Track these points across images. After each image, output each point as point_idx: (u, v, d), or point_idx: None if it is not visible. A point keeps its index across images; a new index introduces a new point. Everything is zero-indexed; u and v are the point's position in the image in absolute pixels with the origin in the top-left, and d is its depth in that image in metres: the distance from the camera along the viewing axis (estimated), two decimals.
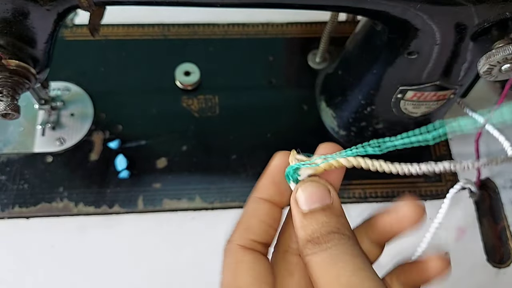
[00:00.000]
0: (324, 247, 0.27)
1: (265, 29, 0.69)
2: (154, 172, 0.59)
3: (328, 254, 0.27)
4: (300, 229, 0.28)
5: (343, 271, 0.26)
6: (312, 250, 0.27)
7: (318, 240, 0.27)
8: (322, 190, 0.29)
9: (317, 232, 0.28)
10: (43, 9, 0.37)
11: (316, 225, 0.28)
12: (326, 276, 0.26)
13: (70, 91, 0.63)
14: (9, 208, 0.56)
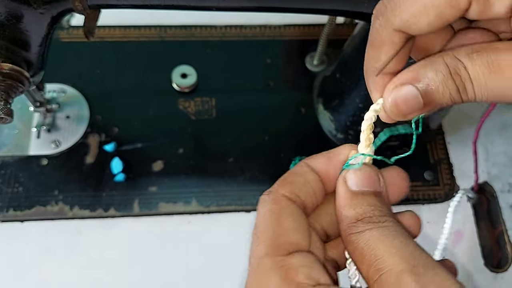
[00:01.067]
0: (379, 225, 0.26)
1: (262, 31, 0.68)
2: (150, 175, 0.59)
3: (385, 230, 0.26)
4: (348, 207, 0.28)
5: (405, 244, 0.25)
6: (363, 227, 0.26)
7: (372, 220, 0.27)
8: (374, 175, 0.29)
9: (370, 213, 0.27)
10: (37, 13, 0.37)
11: (368, 206, 0.27)
12: (387, 247, 0.25)
13: (65, 93, 0.62)
14: (3, 212, 0.56)
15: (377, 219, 0.27)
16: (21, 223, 0.56)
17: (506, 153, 0.63)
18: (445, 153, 0.63)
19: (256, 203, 0.60)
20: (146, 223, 0.57)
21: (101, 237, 0.56)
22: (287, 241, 0.27)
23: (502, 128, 0.64)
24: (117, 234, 0.57)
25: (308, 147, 0.62)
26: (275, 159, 0.61)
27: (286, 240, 0.27)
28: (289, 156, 0.61)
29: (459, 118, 0.65)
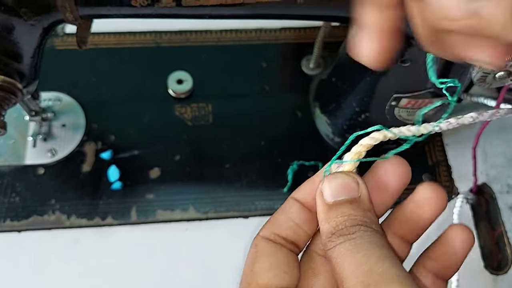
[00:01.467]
0: (348, 238, 0.26)
1: (258, 35, 0.68)
2: (147, 183, 0.59)
3: (352, 243, 0.26)
4: (324, 221, 0.27)
5: (366, 258, 0.25)
6: (335, 242, 0.26)
7: (343, 232, 0.26)
8: (349, 181, 0.28)
9: (342, 224, 0.27)
10: (28, 24, 0.37)
11: (341, 217, 0.27)
12: (349, 264, 0.25)
13: (61, 101, 0.62)
14: (0, 222, 0.56)
15: (347, 230, 0.26)
16: (18, 233, 0.56)
17: (505, 155, 0.63)
18: (443, 155, 0.63)
19: (253, 208, 0.60)
20: (144, 231, 0.57)
21: (99, 246, 0.56)
22: (255, 285, 0.28)
23: (500, 130, 0.64)
24: (115, 242, 0.56)
25: (305, 151, 0.62)
26: (272, 164, 0.61)
27: (255, 284, 0.28)
28: (287, 160, 0.61)
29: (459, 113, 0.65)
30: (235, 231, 0.58)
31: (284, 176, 0.60)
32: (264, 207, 0.58)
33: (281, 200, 0.58)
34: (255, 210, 0.59)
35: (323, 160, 0.60)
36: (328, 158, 0.60)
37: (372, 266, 0.24)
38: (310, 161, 0.60)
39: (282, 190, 0.60)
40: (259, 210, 0.58)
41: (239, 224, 0.58)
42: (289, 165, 0.60)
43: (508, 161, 0.62)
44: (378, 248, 0.25)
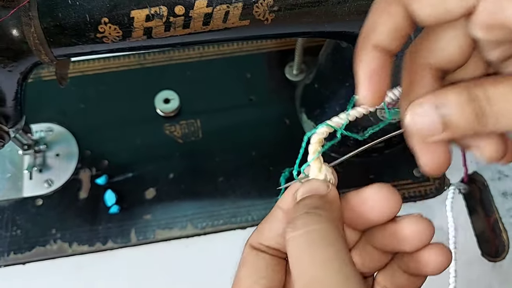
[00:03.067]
0: (299, 232, 0.26)
1: (240, 46, 0.69)
2: (144, 204, 0.60)
3: (302, 240, 0.26)
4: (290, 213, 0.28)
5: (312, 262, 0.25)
6: (289, 233, 0.27)
7: (295, 221, 0.27)
8: (320, 184, 0.29)
9: (301, 212, 0.27)
10: (5, 71, 0.38)
11: (302, 207, 0.28)
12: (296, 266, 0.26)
13: (53, 132, 0.63)
14: (4, 256, 0.57)
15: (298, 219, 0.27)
16: (23, 266, 0.57)
17: None
18: None
19: (250, 219, 0.61)
20: (145, 252, 0.58)
21: (102, 270, 0.57)
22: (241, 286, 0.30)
23: None
24: (117, 265, 0.58)
25: (296, 157, 0.62)
26: (264, 173, 0.62)
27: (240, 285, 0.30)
28: (278, 168, 0.60)
29: None
30: (234, 243, 0.59)
31: (277, 184, 0.61)
32: (260, 216, 0.59)
33: None
34: (252, 221, 0.60)
35: None
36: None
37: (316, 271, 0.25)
38: (301, 167, 0.61)
39: (276, 198, 0.60)
40: (256, 220, 0.59)
41: (237, 236, 0.59)
42: (282, 172, 0.61)
43: None
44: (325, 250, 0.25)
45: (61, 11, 0.35)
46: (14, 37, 0.36)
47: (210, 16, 0.36)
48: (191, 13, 0.36)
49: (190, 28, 0.37)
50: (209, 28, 0.37)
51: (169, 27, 0.37)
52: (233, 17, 0.36)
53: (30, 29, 0.36)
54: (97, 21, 0.36)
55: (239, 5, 0.36)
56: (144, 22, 0.36)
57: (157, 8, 0.35)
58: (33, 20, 0.35)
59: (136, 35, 0.37)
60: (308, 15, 0.37)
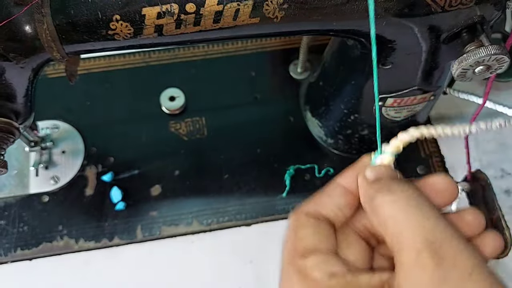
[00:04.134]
0: (399, 195, 0.28)
1: (244, 45, 0.69)
2: (150, 201, 0.60)
3: (405, 201, 0.28)
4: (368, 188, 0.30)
5: (426, 217, 0.27)
6: (384, 197, 0.28)
7: (390, 187, 0.29)
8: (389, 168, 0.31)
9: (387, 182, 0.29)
10: (18, 67, 0.38)
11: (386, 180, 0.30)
12: (406, 220, 0.27)
13: (59, 129, 0.63)
14: (11, 252, 0.57)
15: (396, 186, 0.29)
16: (29, 262, 0.58)
17: (496, 140, 0.64)
18: (435, 146, 0.64)
19: (255, 215, 0.62)
20: (151, 248, 0.59)
21: (108, 266, 0.58)
22: (302, 247, 0.31)
23: (489, 116, 0.65)
24: (123, 261, 0.58)
25: (301, 154, 0.63)
26: (269, 170, 0.62)
27: (302, 247, 0.31)
28: (283, 165, 0.62)
29: (446, 109, 0.66)
30: (239, 239, 0.59)
31: (282, 181, 0.61)
32: (265, 213, 0.60)
33: (281, 205, 0.60)
34: (257, 217, 0.60)
35: (319, 162, 0.62)
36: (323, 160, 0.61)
37: (432, 224, 0.27)
38: (306, 164, 0.62)
39: (281, 195, 0.61)
40: (261, 217, 0.60)
41: (242, 232, 0.60)
42: (286, 170, 0.62)
43: (500, 146, 0.64)
44: (432, 208, 0.28)
45: (73, 8, 0.36)
46: (27, 34, 0.36)
47: (220, 13, 0.36)
48: (202, 11, 0.36)
49: (201, 25, 0.37)
50: (219, 25, 0.37)
51: (180, 24, 0.37)
52: (243, 15, 0.37)
53: (43, 26, 0.36)
54: (109, 18, 0.36)
55: (249, 3, 0.36)
56: (155, 20, 0.36)
57: (168, 6, 0.36)
58: (45, 17, 0.36)
59: (147, 32, 0.37)
60: (317, 13, 0.37)
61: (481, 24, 0.40)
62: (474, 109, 0.57)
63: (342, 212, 0.32)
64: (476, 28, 0.41)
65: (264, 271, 0.57)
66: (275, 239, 0.58)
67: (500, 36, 0.67)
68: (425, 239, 0.26)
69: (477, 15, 0.40)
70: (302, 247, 0.31)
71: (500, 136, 0.64)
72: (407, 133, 0.32)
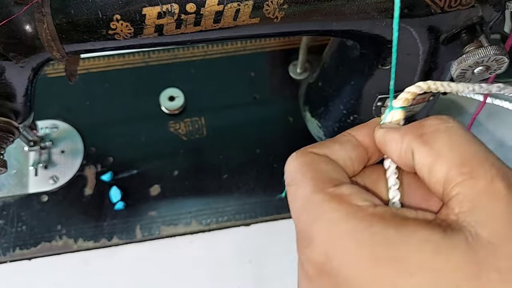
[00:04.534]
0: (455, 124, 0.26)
1: (244, 45, 0.69)
2: (149, 200, 0.60)
3: (461, 130, 0.26)
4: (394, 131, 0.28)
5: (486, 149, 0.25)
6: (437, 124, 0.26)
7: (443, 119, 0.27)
8: None
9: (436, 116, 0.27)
10: (17, 67, 0.38)
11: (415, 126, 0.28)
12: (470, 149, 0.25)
13: (58, 128, 0.63)
14: (10, 252, 0.57)
15: (447, 120, 0.27)
16: (28, 261, 0.58)
17: (494, 141, 0.64)
18: None
19: (254, 215, 0.62)
20: (150, 248, 0.59)
21: (107, 266, 0.58)
22: (329, 177, 0.27)
23: (489, 117, 0.65)
24: (122, 261, 0.58)
25: None
26: (268, 170, 0.62)
27: (328, 177, 0.27)
28: (282, 165, 0.61)
29: (446, 109, 0.66)
30: (239, 240, 0.59)
31: (281, 181, 0.61)
32: (264, 213, 0.60)
33: (280, 205, 0.60)
34: (256, 217, 0.60)
35: None
36: None
37: (497, 158, 0.25)
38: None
39: (280, 195, 0.61)
40: (260, 217, 0.60)
41: (241, 232, 0.60)
42: None
43: (499, 146, 0.64)
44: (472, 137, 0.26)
45: (73, 7, 0.36)
46: (27, 33, 0.36)
47: (221, 14, 0.36)
48: (202, 11, 0.36)
49: (201, 25, 0.37)
50: (219, 26, 0.37)
51: (180, 24, 0.37)
52: (244, 15, 0.37)
53: (43, 25, 0.36)
54: (109, 18, 0.36)
55: (250, 3, 0.36)
56: (155, 20, 0.36)
57: (169, 6, 0.36)
58: (46, 16, 0.36)
59: (147, 32, 0.37)
60: (317, 13, 0.37)
61: (480, 25, 0.40)
62: (474, 110, 0.57)
63: (352, 164, 0.29)
64: (476, 29, 0.41)
65: (263, 271, 0.57)
66: (274, 239, 0.59)
67: (499, 37, 0.67)
68: (496, 168, 0.24)
69: (476, 16, 0.40)
70: (328, 178, 0.27)
71: (499, 137, 0.64)
72: (414, 85, 0.30)
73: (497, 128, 0.65)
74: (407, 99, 0.31)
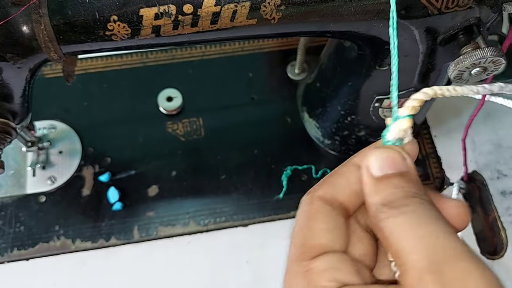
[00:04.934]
0: (403, 210, 0.25)
1: (242, 46, 0.69)
2: (147, 201, 0.60)
3: (408, 217, 0.25)
4: (374, 193, 0.27)
5: (429, 232, 0.24)
6: (388, 213, 0.26)
7: (396, 203, 0.26)
8: (396, 156, 0.28)
9: (394, 195, 0.26)
10: (15, 67, 0.38)
11: (393, 188, 0.26)
12: (408, 238, 0.24)
13: (56, 129, 0.63)
14: (8, 252, 0.57)
15: (401, 202, 0.26)
16: (26, 262, 0.58)
17: (492, 141, 0.64)
18: (432, 147, 0.64)
19: (252, 216, 0.62)
20: (147, 248, 0.59)
21: (105, 266, 0.58)
22: (314, 243, 0.27)
23: (487, 117, 0.65)
24: (120, 261, 0.58)
25: (298, 155, 0.63)
26: (266, 171, 0.62)
27: (314, 243, 0.27)
28: (280, 166, 0.62)
29: (443, 110, 0.67)
30: (236, 240, 0.59)
31: (279, 182, 0.62)
32: (262, 214, 0.60)
33: (278, 206, 0.60)
34: (254, 218, 0.60)
35: (316, 163, 0.62)
36: (320, 161, 0.61)
37: (437, 241, 0.24)
38: (303, 165, 0.62)
39: (278, 196, 0.61)
40: (257, 217, 0.60)
41: (239, 233, 0.60)
42: (283, 170, 0.62)
43: (496, 148, 0.64)
44: (438, 222, 0.25)
45: (71, 8, 0.36)
46: (24, 34, 0.36)
47: (218, 15, 0.36)
48: (200, 12, 0.36)
49: (198, 26, 0.37)
50: (216, 26, 0.37)
51: (177, 25, 0.37)
52: (241, 16, 0.37)
53: (40, 26, 0.36)
54: (106, 19, 0.36)
55: (247, 4, 0.36)
56: (152, 20, 0.36)
57: (166, 7, 0.36)
58: (43, 17, 0.36)
59: (144, 33, 0.37)
60: (315, 14, 0.37)
61: (477, 26, 0.40)
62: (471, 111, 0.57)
63: (359, 198, 0.29)
64: (473, 30, 0.41)
65: (260, 272, 0.57)
66: (271, 240, 0.59)
67: (496, 38, 0.67)
68: (429, 259, 0.23)
69: (473, 17, 0.40)
70: (312, 245, 0.27)
71: (497, 138, 0.64)
72: (420, 92, 0.29)
73: (495, 128, 0.65)
74: (414, 107, 0.29)
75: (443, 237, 0.24)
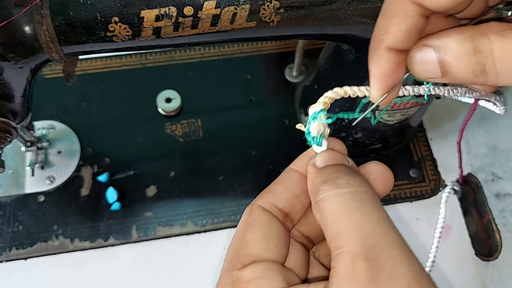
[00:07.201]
0: (343, 191, 0.26)
1: (240, 47, 0.70)
2: (145, 201, 0.61)
3: (347, 199, 0.25)
4: (316, 177, 0.27)
5: (367, 218, 0.24)
6: (329, 190, 0.26)
7: (337, 181, 0.26)
8: (336, 153, 0.29)
9: (335, 174, 0.27)
10: (16, 67, 0.38)
11: (334, 171, 0.27)
12: (345, 221, 0.25)
13: (55, 129, 0.64)
14: (6, 251, 0.57)
15: (342, 180, 0.26)
16: (24, 261, 0.58)
17: (487, 144, 0.65)
18: (428, 149, 0.65)
19: None
20: (145, 248, 0.59)
21: (103, 266, 0.58)
22: (246, 253, 0.28)
23: (481, 120, 0.66)
24: (118, 261, 0.58)
25: (295, 157, 0.64)
26: (264, 172, 0.63)
27: (245, 253, 0.28)
28: (278, 168, 0.63)
29: (439, 113, 0.67)
30: None
31: None
32: None
33: None
34: None
35: None
36: None
37: (373, 227, 0.24)
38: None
39: None
40: None
41: None
42: (281, 172, 0.62)
43: (491, 150, 0.65)
44: (375, 207, 0.25)
45: (72, 9, 0.36)
46: (26, 35, 0.37)
47: (218, 17, 0.37)
48: (200, 14, 0.37)
49: (198, 28, 0.38)
50: (216, 29, 0.38)
51: (177, 27, 0.38)
52: (240, 19, 0.37)
53: (42, 27, 0.36)
54: (108, 20, 0.37)
55: (247, 7, 0.37)
56: (153, 22, 0.37)
57: (167, 9, 0.36)
58: (45, 18, 0.36)
59: (145, 34, 0.38)
60: (313, 17, 0.38)
61: None
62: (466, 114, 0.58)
63: (299, 200, 0.30)
64: None
65: None
66: None
67: None
68: (362, 244, 0.24)
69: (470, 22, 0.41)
70: (244, 254, 0.28)
71: (492, 140, 0.65)
72: (330, 91, 0.32)
73: (490, 131, 0.66)
74: (325, 103, 0.31)
75: (377, 223, 0.25)
